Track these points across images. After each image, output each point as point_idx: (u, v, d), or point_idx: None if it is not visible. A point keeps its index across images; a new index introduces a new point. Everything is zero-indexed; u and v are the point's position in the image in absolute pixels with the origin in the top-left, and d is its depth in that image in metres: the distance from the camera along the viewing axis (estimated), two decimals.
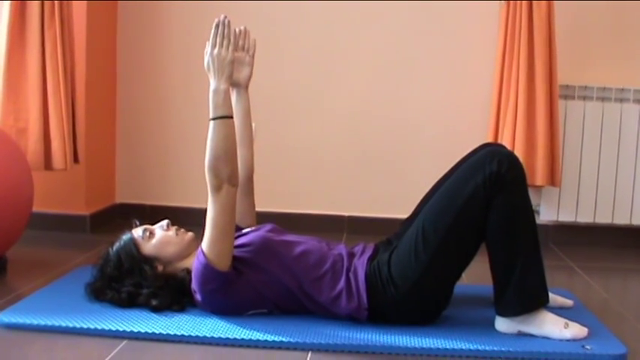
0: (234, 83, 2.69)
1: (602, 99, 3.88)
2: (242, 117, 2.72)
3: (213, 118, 2.33)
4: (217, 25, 2.37)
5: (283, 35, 4.02)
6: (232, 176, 2.33)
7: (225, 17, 2.38)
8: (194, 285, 2.41)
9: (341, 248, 2.55)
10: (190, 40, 4.03)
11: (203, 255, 2.33)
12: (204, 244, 2.34)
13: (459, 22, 3.98)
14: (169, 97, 4.12)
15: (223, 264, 2.34)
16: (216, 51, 2.36)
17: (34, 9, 3.38)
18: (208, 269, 2.33)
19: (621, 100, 3.87)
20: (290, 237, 2.56)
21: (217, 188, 2.31)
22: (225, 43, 2.37)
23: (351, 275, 2.41)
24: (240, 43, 2.67)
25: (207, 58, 2.37)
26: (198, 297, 2.42)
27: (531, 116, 3.71)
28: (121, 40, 4.12)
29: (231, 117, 2.36)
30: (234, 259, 2.39)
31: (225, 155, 2.32)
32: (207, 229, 2.34)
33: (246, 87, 2.73)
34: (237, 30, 2.65)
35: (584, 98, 3.88)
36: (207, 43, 2.38)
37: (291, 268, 2.41)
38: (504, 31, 3.75)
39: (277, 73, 4.00)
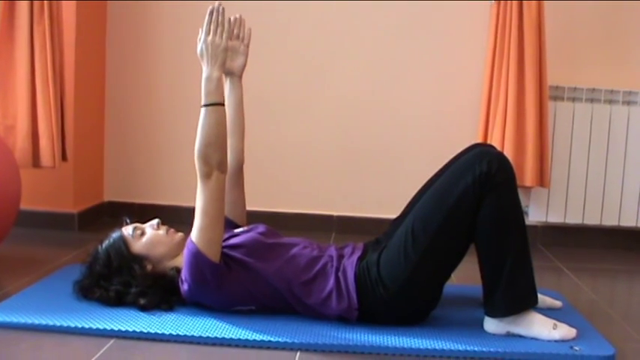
0: (228, 72, 2.69)
1: (592, 100, 3.89)
2: (235, 106, 2.72)
3: (205, 105, 2.33)
4: (211, 13, 2.36)
5: (272, 35, 4.01)
6: (222, 163, 2.33)
7: (220, 4, 2.38)
8: (184, 274, 2.39)
9: (331, 250, 2.55)
10: (180, 38, 4.02)
11: (192, 244, 2.32)
12: (194, 233, 2.33)
13: (449, 22, 3.99)
14: (158, 96, 4.10)
15: (213, 253, 2.33)
16: (210, 38, 2.36)
17: (23, 8, 3.37)
18: (199, 257, 2.31)
19: (610, 102, 3.88)
20: (281, 239, 2.56)
21: (207, 175, 2.30)
22: (219, 30, 2.37)
23: (340, 275, 2.41)
24: (236, 31, 2.67)
25: (200, 44, 2.36)
26: (185, 287, 2.40)
27: (521, 117, 3.71)
28: (110, 39, 4.10)
29: (223, 104, 2.36)
30: (226, 257, 2.38)
31: (216, 142, 2.31)
32: (197, 218, 2.33)
33: (240, 76, 2.72)
34: (232, 18, 2.64)
35: (574, 99, 3.90)
36: (200, 30, 2.37)
37: (281, 270, 2.41)
38: (494, 32, 3.75)
39: (266, 72, 3.99)
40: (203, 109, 2.33)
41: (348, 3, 3.99)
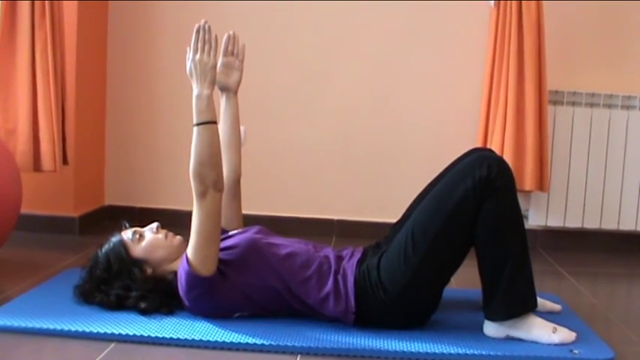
0: (223, 88, 2.70)
1: (591, 105, 3.90)
2: (231, 121, 2.74)
3: (197, 124, 2.33)
4: (198, 31, 2.36)
5: (273, 39, 4.02)
6: (217, 182, 2.32)
7: (206, 22, 2.37)
8: (180, 291, 2.41)
9: (328, 251, 2.55)
10: (181, 41, 3.97)
11: (187, 262, 2.33)
12: (189, 251, 2.34)
13: (449, 26, 3.99)
14: (159, 99, 4.11)
15: (207, 269, 2.34)
16: (198, 56, 2.35)
17: (24, 9, 3.37)
18: (191, 276, 2.33)
19: (610, 106, 3.89)
20: (276, 239, 2.56)
21: (202, 194, 2.30)
22: (206, 48, 2.36)
23: (339, 278, 2.41)
24: (230, 48, 2.68)
25: (189, 63, 2.36)
26: (186, 303, 2.43)
27: (520, 121, 3.72)
28: (112, 41, 4.10)
29: (215, 122, 2.36)
30: (220, 261, 2.39)
31: (210, 161, 2.31)
32: (192, 236, 2.33)
33: (236, 92, 2.74)
34: (226, 35, 2.66)
35: (573, 104, 3.90)
36: (187, 49, 2.38)
37: (277, 269, 2.41)
38: (494, 37, 3.76)
39: (267, 76, 4.00)
40: (195, 128, 2.32)
41: (347, 8, 3.99)
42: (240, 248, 2.44)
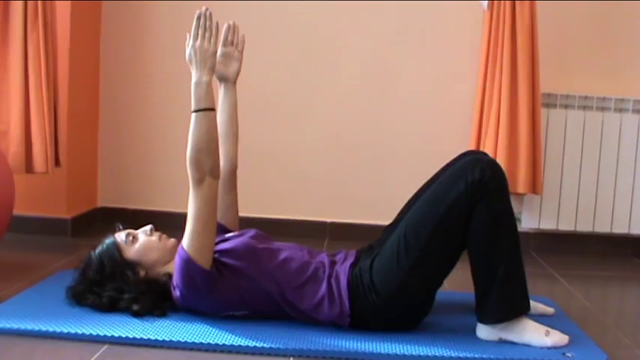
0: (222, 78, 2.71)
1: (584, 107, 3.91)
2: (229, 111, 2.74)
3: (196, 111, 2.33)
4: (199, 17, 2.37)
5: (267, 41, 4.02)
6: (214, 168, 2.33)
7: (207, 9, 2.38)
8: (175, 280, 2.39)
9: (323, 256, 2.55)
10: (175, 41, 3.99)
11: (184, 250, 2.32)
12: (185, 240, 2.33)
13: (443, 28, 4.00)
14: (153, 101, 4.10)
15: (204, 260, 2.33)
16: (198, 43, 2.36)
17: (17, 10, 3.36)
18: (190, 264, 2.32)
19: (602, 109, 3.91)
20: (273, 244, 2.56)
21: (199, 181, 2.30)
22: (207, 35, 2.37)
23: (332, 282, 2.41)
24: (230, 38, 2.69)
25: (189, 50, 2.36)
26: (177, 293, 2.41)
27: (513, 124, 3.73)
28: (105, 42, 4.09)
29: (214, 109, 2.36)
30: (217, 263, 2.39)
31: (208, 147, 2.31)
32: (189, 224, 2.33)
33: (234, 82, 2.74)
34: (226, 25, 2.67)
35: (566, 107, 3.91)
36: (187, 35, 2.37)
37: (273, 275, 2.41)
38: (487, 39, 3.77)
39: (261, 78, 4.00)
40: (193, 115, 2.33)
41: (340, 9, 4.00)
42: (236, 252, 2.43)
